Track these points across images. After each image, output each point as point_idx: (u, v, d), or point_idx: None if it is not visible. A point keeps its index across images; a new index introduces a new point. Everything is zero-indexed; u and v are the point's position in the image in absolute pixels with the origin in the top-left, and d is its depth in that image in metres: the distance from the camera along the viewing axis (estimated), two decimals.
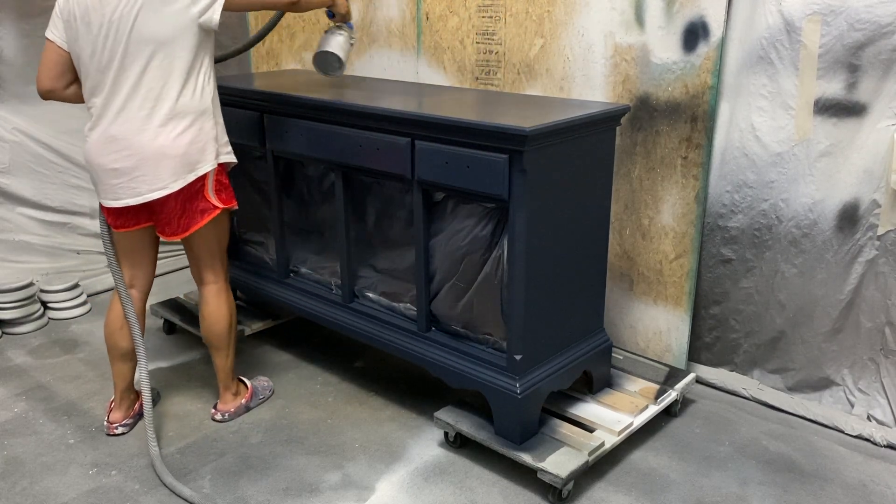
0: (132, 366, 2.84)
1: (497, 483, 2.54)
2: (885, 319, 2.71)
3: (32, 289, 3.69)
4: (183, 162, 2.50)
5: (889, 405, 2.76)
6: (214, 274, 2.80)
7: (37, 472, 2.61)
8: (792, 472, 2.61)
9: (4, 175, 3.77)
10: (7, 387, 3.18)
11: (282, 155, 3.11)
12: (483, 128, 2.32)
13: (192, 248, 2.74)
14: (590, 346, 2.77)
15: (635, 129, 3.04)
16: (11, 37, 3.68)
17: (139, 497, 2.48)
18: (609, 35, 3.02)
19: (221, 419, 2.92)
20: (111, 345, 2.80)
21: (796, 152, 2.75)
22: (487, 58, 3.42)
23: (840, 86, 2.62)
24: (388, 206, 2.82)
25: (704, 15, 2.78)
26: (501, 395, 2.52)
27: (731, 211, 2.95)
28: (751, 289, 2.98)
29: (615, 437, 2.61)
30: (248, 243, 3.54)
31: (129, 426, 2.86)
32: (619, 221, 3.16)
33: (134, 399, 2.90)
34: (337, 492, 2.51)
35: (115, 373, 2.82)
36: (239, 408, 2.96)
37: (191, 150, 2.51)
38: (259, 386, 3.09)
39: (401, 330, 2.86)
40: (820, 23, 2.59)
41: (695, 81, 2.85)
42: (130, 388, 2.87)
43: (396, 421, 2.92)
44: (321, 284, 3.20)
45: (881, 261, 2.68)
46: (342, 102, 2.80)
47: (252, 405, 3.01)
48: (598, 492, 2.51)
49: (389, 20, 3.76)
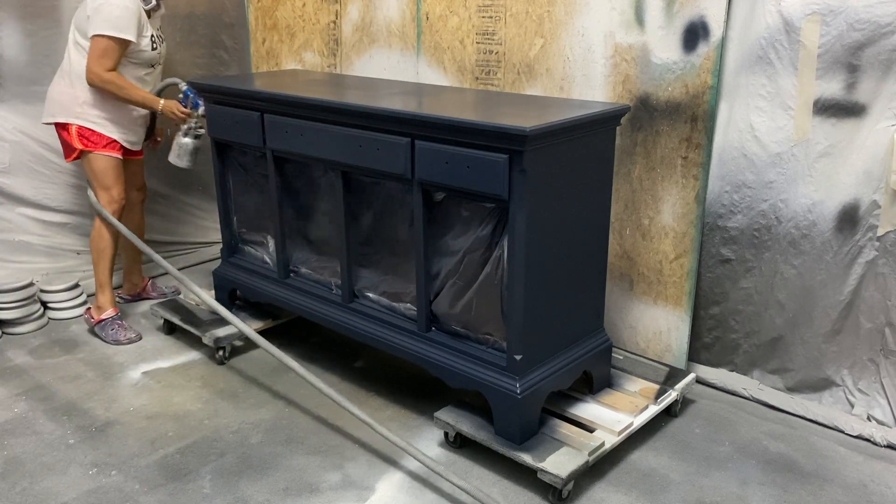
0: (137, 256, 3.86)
1: (497, 483, 2.54)
2: (884, 320, 2.71)
3: (32, 289, 3.68)
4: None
5: (889, 405, 2.76)
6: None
7: (37, 472, 2.61)
8: (792, 472, 2.61)
9: (4, 175, 3.77)
10: (7, 387, 3.18)
11: (282, 155, 3.11)
12: (483, 128, 2.32)
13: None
14: (590, 346, 2.78)
15: (635, 129, 3.04)
16: (13, 36, 3.68)
17: (139, 497, 2.48)
18: (609, 35, 3.02)
19: (86, 322, 3.65)
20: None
21: (795, 153, 2.75)
22: (487, 58, 3.42)
23: (839, 86, 2.62)
24: (388, 205, 2.82)
25: (704, 15, 2.78)
26: (501, 396, 2.52)
27: (730, 211, 2.95)
28: (750, 289, 2.98)
29: (615, 437, 2.61)
30: (248, 243, 3.54)
31: (127, 300, 3.91)
32: (619, 221, 3.16)
33: (136, 283, 3.96)
34: (337, 492, 2.51)
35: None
36: (88, 321, 3.63)
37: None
38: (110, 326, 3.57)
39: (401, 330, 2.86)
40: (819, 23, 2.59)
41: (695, 81, 2.85)
42: (134, 269, 3.91)
43: (396, 421, 2.92)
44: (321, 284, 3.21)
45: (881, 261, 2.68)
46: (342, 102, 2.80)
47: (98, 332, 3.58)
48: (598, 492, 2.51)
49: (389, 20, 3.76)
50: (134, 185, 3.75)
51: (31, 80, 3.60)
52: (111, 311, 3.60)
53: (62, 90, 3.42)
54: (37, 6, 3.70)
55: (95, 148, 3.44)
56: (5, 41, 3.66)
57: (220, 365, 3.34)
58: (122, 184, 3.52)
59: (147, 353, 3.46)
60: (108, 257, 3.56)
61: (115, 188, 3.49)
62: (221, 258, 3.64)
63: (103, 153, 3.45)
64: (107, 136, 3.45)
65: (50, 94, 3.48)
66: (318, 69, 4.16)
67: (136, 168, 3.77)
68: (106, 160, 3.46)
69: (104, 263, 3.56)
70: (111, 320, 3.58)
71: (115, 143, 3.47)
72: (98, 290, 3.60)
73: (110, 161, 3.47)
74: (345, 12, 3.94)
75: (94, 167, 3.47)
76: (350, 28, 3.94)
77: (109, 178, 3.48)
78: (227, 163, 3.46)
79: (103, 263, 3.56)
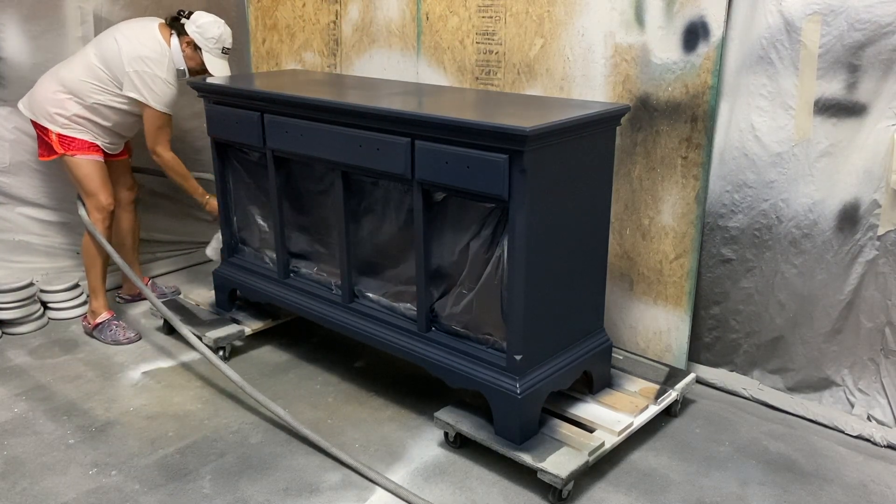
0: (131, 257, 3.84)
1: (497, 483, 2.54)
2: (885, 320, 2.71)
3: (32, 289, 3.68)
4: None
5: (889, 405, 2.76)
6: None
7: (37, 472, 2.61)
8: (792, 472, 2.61)
9: (4, 175, 3.77)
10: (7, 387, 3.18)
11: (282, 155, 3.11)
12: (483, 128, 2.32)
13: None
14: (590, 346, 2.77)
15: (635, 129, 3.04)
16: (14, 38, 3.68)
17: (139, 497, 2.48)
18: (609, 35, 3.02)
19: (84, 329, 3.65)
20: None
21: (796, 152, 2.75)
22: (487, 58, 3.42)
23: (840, 86, 2.62)
24: (388, 206, 2.82)
25: (704, 15, 2.78)
26: (501, 396, 2.52)
27: (731, 211, 2.95)
28: (751, 289, 2.98)
29: (615, 437, 2.60)
30: (247, 243, 3.54)
31: (127, 300, 3.95)
32: (619, 221, 3.16)
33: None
34: (337, 492, 2.51)
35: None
36: (86, 327, 3.63)
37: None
38: (108, 328, 3.56)
39: (401, 330, 2.86)
40: (820, 23, 2.59)
41: (695, 81, 2.85)
42: (133, 270, 3.70)
43: (396, 421, 2.92)
44: (321, 284, 3.20)
45: (881, 261, 2.68)
46: (342, 102, 2.80)
47: (97, 335, 3.57)
48: (598, 492, 2.51)
49: (389, 20, 3.76)
50: (123, 185, 3.76)
51: (34, 81, 3.59)
52: (106, 314, 3.60)
53: (50, 96, 3.42)
54: (40, 8, 3.70)
55: (77, 152, 3.45)
56: (8, 43, 3.66)
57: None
58: (108, 188, 3.51)
59: (147, 353, 3.46)
60: (99, 264, 3.57)
61: (101, 193, 3.48)
62: (221, 258, 3.64)
63: (85, 156, 3.46)
64: (88, 141, 3.46)
65: (37, 92, 3.47)
66: (318, 69, 4.16)
67: (123, 168, 3.77)
68: (89, 165, 3.46)
69: (96, 270, 3.57)
70: (108, 322, 3.58)
71: (95, 145, 3.49)
72: (91, 296, 3.62)
73: (93, 165, 3.47)
74: (345, 12, 3.94)
75: (78, 173, 3.47)
76: (350, 28, 3.94)
77: (94, 183, 3.47)
78: (227, 163, 3.45)
79: (95, 270, 3.57)
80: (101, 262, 3.57)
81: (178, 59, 3.47)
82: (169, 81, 3.43)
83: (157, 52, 3.39)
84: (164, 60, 3.40)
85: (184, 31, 3.46)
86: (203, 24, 3.46)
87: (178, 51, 3.46)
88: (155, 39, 3.41)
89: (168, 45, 3.43)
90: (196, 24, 3.45)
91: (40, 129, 3.48)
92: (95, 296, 3.60)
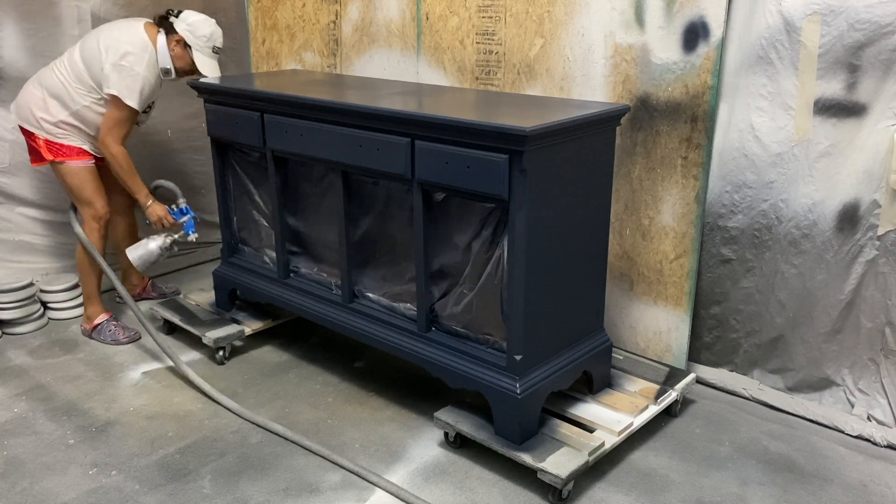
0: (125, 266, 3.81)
1: (497, 483, 2.54)
2: (885, 319, 2.71)
3: (32, 289, 3.68)
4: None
5: (889, 405, 2.76)
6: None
7: (37, 472, 2.61)
8: (792, 472, 2.61)
9: (4, 175, 3.77)
10: (7, 387, 3.18)
11: (282, 155, 3.11)
12: (483, 128, 2.32)
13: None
14: (590, 346, 2.77)
15: (635, 129, 3.04)
16: (13, 37, 3.68)
17: (139, 497, 2.48)
18: (609, 35, 3.02)
19: (82, 332, 3.64)
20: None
21: (796, 153, 2.75)
22: (487, 58, 3.42)
23: (840, 86, 2.62)
24: (388, 206, 2.82)
25: (704, 15, 2.78)
26: (501, 396, 2.52)
27: (730, 211, 2.95)
28: (751, 289, 2.98)
29: (615, 437, 2.61)
30: (247, 243, 3.54)
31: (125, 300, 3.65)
32: (619, 221, 3.16)
33: (135, 283, 3.97)
34: (337, 492, 2.51)
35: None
36: (84, 331, 3.62)
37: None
38: (106, 328, 3.56)
39: (401, 330, 2.86)
40: (820, 23, 2.59)
41: (695, 81, 2.85)
42: (133, 270, 3.83)
43: (396, 421, 2.92)
44: (321, 284, 3.20)
45: (881, 261, 2.68)
46: (342, 102, 2.80)
47: (95, 337, 3.57)
48: (598, 492, 2.51)
49: (389, 20, 3.76)
50: (117, 190, 3.64)
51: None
52: (103, 316, 3.60)
53: (35, 101, 3.36)
54: (36, 6, 3.70)
55: (67, 158, 3.39)
56: (5, 42, 3.66)
57: (220, 365, 3.34)
58: (102, 195, 3.46)
59: (147, 353, 3.46)
60: (94, 272, 3.54)
61: (96, 202, 3.43)
62: (221, 258, 3.64)
63: (76, 162, 3.39)
64: (76, 146, 3.40)
65: (22, 96, 3.41)
66: (317, 69, 4.16)
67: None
68: (81, 172, 3.40)
69: (90, 277, 3.55)
70: (106, 322, 3.58)
71: (84, 150, 3.42)
72: (86, 302, 3.61)
73: (85, 172, 3.41)
74: (345, 12, 3.94)
75: (70, 182, 3.41)
76: (350, 28, 3.94)
77: (88, 190, 3.42)
78: (227, 163, 3.45)
79: (90, 278, 3.55)
80: (96, 271, 3.53)
81: (163, 58, 3.34)
82: (147, 77, 3.30)
83: (139, 48, 3.28)
84: (145, 56, 3.29)
85: (173, 30, 3.36)
86: (193, 21, 3.37)
87: (165, 49, 3.34)
88: (138, 36, 3.31)
89: (154, 43, 3.33)
90: (186, 21, 3.36)
91: (28, 134, 3.42)
92: (90, 301, 3.59)
